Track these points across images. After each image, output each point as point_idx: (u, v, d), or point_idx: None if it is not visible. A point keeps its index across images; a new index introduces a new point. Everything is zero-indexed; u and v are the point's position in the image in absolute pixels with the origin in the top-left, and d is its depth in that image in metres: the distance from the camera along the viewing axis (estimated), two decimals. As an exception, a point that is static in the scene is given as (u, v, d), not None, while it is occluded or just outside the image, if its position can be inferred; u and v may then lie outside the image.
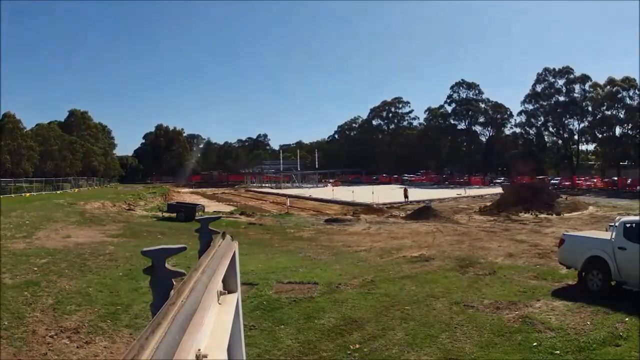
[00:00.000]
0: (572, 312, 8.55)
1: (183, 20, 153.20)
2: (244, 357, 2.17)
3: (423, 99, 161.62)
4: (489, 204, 32.11)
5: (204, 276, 1.47)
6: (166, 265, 1.39)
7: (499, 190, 40.25)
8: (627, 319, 8.01)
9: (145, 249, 1.39)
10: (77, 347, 7.69)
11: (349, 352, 7.30)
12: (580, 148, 70.61)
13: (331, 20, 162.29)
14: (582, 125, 66.83)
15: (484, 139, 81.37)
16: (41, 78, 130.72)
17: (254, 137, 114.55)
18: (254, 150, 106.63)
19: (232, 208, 35.86)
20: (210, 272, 1.58)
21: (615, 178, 53.99)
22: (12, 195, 40.46)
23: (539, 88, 69.64)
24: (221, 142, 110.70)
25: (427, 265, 12.95)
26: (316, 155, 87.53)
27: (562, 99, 67.45)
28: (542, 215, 26.72)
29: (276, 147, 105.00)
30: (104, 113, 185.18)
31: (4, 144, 54.80)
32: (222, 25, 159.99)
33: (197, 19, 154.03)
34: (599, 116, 62.51)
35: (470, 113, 78.99)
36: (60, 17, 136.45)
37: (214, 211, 31.18)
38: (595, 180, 55.88)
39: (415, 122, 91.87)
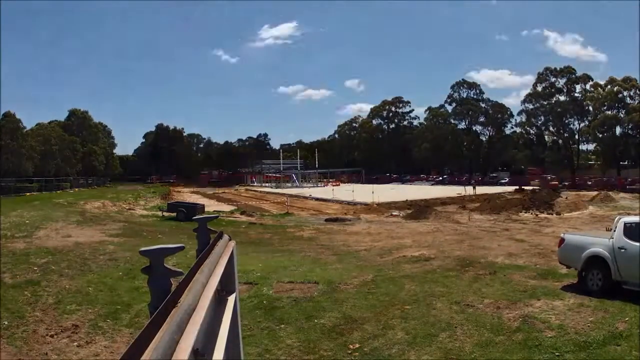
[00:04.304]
0: (572, 312, 8.54)
1: (183, 19, 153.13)
2: (242, 357, 2.17)
3: (423, 98, 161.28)
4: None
5: (201, 276, 1.47)
6: (165, 264, 1.39)
7: (500, 189, 40.27)
8: (627, 319, 7.99)
9: (143, 248, 1.39)
10: (78, 347, 7.71)
11: (349, 351, 7.30)
12: (580, 148, 70.64)
13: (331, 19, 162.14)
14: (582, 125, 66.82)
15: (484, 139, 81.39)
16: (41, 78, 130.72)
17: (254, 136, 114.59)
18: (254, 150, 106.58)
19: (232, 207, 35.85)
20: (208, 272, 1.59)
21: (605, 179, 54.23)
22: (13, 195, 40.46)
23: (539, 87, 69.62)
24: (221, 142, 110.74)
25: (427, 265, 12.95)
26: (316, 154, 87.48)
27: (562, 98, 67.44)
28: (542, 215, 26.74)
29: (276, 147, 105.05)
30: (104, 113, 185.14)
31: (4, 143, 54.81)
32: (222, 24, 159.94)
33: (197, 18, 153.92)
34: (599, 116, 62.49)
35: (470, 113, 78.97)
36: (61, 17, 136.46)
37: (214, 210, 31.16)
38: (594, 179, 55.97)
39: (415, 122, 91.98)
